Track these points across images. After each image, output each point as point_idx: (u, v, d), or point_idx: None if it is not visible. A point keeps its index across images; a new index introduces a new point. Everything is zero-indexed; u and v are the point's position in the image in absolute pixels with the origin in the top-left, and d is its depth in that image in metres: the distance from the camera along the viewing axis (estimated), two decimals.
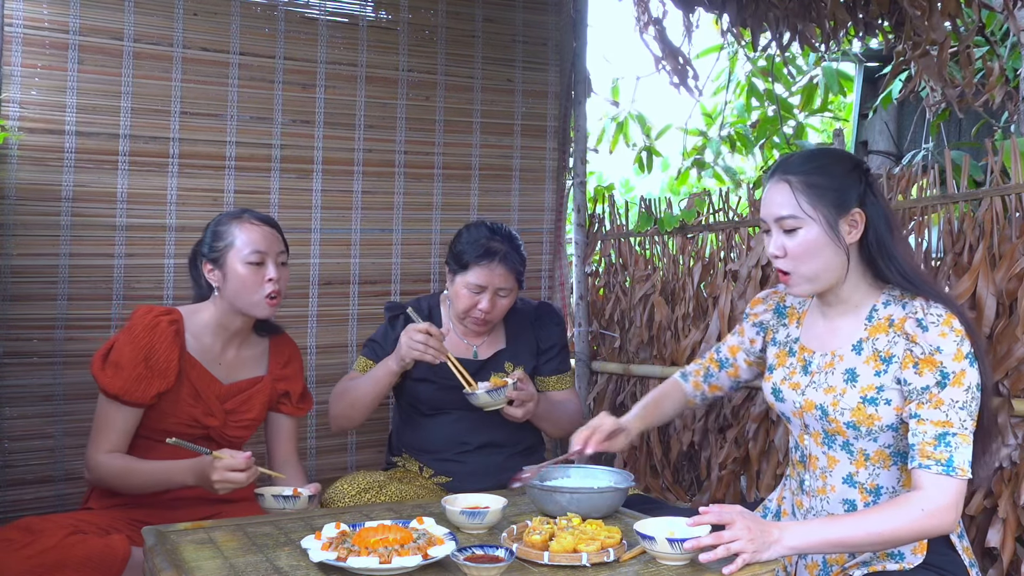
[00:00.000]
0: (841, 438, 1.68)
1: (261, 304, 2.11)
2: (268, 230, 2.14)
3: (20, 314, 2.59)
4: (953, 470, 1.50)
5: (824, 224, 1.63)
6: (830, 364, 1.71)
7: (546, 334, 2.47)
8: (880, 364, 1.63)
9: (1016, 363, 2.09)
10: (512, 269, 2.30)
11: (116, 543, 1.83)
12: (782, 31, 3.31)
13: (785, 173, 1.67)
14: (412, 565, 1.41)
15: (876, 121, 5.51)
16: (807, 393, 1.72)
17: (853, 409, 1.63)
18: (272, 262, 2.11)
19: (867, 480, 1.67)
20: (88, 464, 2.05)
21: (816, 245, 1.64)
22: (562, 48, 3.42)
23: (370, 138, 3.08)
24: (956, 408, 1.53)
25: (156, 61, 2.74)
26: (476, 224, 2.38)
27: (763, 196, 1.72)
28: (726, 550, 1.44)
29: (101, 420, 2.04)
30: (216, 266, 2.12)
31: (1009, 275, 2.13)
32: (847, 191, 1.64)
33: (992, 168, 2.24)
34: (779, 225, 1.67)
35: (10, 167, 2.57)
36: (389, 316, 2.44)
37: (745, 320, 1.99)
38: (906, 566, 1.61)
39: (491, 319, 2.33)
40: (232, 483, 1.88)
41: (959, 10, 2.98)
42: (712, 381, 2.04)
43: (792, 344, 1.83)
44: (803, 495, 1.77)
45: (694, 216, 3.08)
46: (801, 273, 1.67)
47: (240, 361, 2.22)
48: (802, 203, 1.64)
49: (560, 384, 2.49)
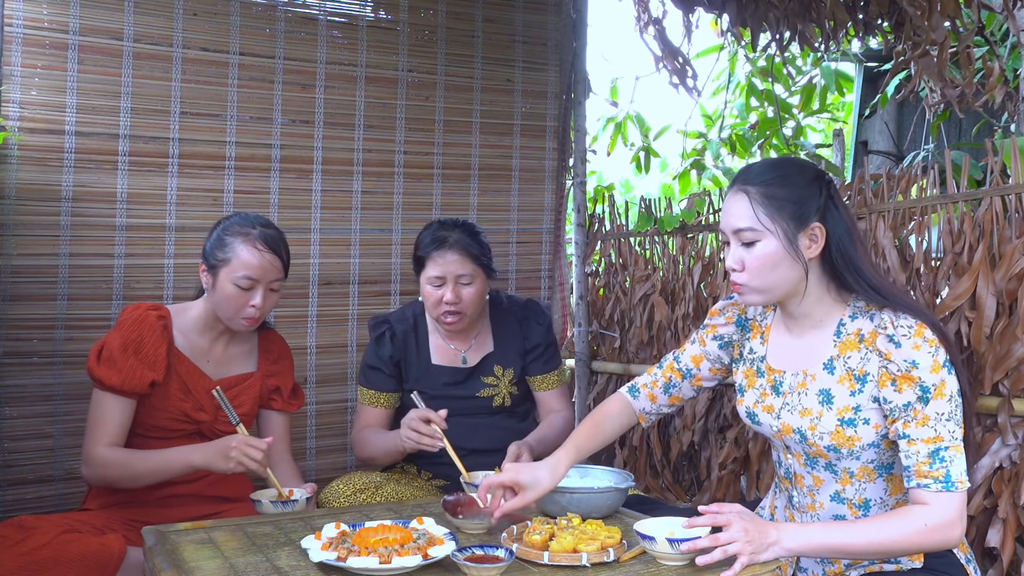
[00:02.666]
0: (823, 460, 1.66)
1: (238, 322, 2.13)
2: (269, 258, 2.11)
3: (20, 314, 2.59)
4: (952, 484, 1.48)
5: (782, 238, 1.58)
6: (802, 384, 1.67)
7: (531, 333, 2.44)
8: (855, 383, 1.60)
9: (1016, 363, 2.09)
10: (466, 253, 2.25)
11: (111, 542, 1.83)
12: (782, 31, 3.31)
13: (744, 183, 1.62)
14: (412, 565, 1.41)
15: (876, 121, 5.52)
16: (783, 416, 1.68)
17: (832, 433, 1.61)
18: (262, 289, 2.11)
19: (855, 496, 1.65)
20: (86, 459, 2.05)
21: (773, 259, 1.59)
22: (562, 48, 3.42)
23: (370, 138, 3.08)
24: (943, 421, 1.50)
25: (156, 61, 2.74)
26: (429, 223, 2.36)
27: (723, 207, 1.68)
28: (723, 553, 1.43)
29: (97, 415, 2.06)
30: (209, 272, 2.13)
31: (1009, 275, 2.13)
32: (806, 203, 1.60)
33: (992, 168, 2.24)
34: (737, 237, 1.63)
35: (10, 167, 2.57)
36: (375, 335, 2.41)
37: (703, 330, 1.93)
38: (902, 567, 1.61)
39: (462, 310, 2.27)
40: (248, 459, 1.90)
41: (959, 10, 2.98)
42: (673, 392, 1.93)
43: (759, 363, 1.78)
44: (793, 510, 1.76)
45: (694, 216, 3.08)
46: (755, 286, 1.62)
47: (229, 357, 2.23)
48: (760, 215, 1.59)
49: (547, 383, 2.46)
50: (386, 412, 2.39)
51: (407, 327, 2.39)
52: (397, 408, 2.40)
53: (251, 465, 1.91)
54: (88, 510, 2.08)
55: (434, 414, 2.10)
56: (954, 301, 2.17)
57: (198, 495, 2.12)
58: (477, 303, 2.31)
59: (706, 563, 1.43)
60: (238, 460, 1.91)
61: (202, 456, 1.97)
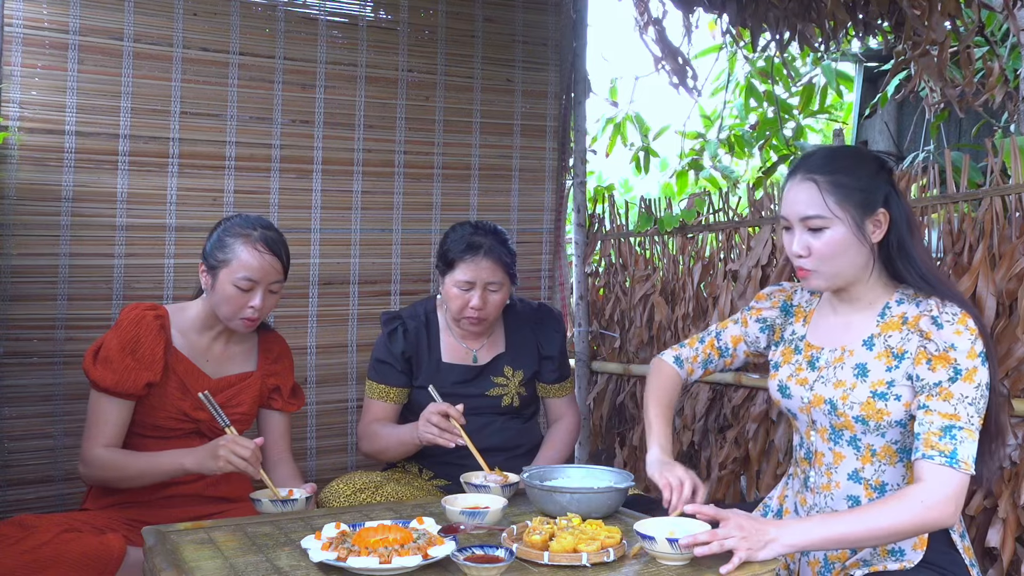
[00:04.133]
0: (848, 433, 1.68)
1: (237, 323, 2.13)
2: (269, 260, 2.12)
3: (20, 314, 2.59)
4: (957, 463, 1.50)
5: (851, 224, 1.63)
6: (839, 359, 1.71)
7: (548, 340, 2.45)
8: (892, 360, 1.64)
9: (1016, 363, 2.09)
10: (499, 262, 2.27)
11: (111, 541, 1.83)
12: (782, 31, 3.31)
13: (810, 172, 1.66)
14: (412, 565, 1.41)
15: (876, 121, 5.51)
16: (815, 388, 1.72)
17: (863, 403, 1.63)
18: (261, 291, 2.11)
19: (872, 476, 1.67)
20: (84, 459, 2.05)
21: (843, 245, 1.64)
22: (562, 48, 3.42)
23: (370, 138, 3.08)
24: (965, 403, 1.53)
25: (156, 61, 2.74)
26: (461, 224, 2.36)
27: (786, 195, 1.71)
28: (720, 546, 1.45)
29: (95, 415, 2.06)
30: (209, 272, 2.13)
31: (1009, 275, 2.13)
32: (874, 192, 1.64)
33: (992, 168, 2.24)
34: (804, 224, 1.66)
35: (10, 167, 2.57)
36: (387, 331, 2.40)
37: (747, 311, 1.97)
38: (907, 564, 1.61)
39: (485, 316, 2.29)
40: (236, 457, 1.89)
41: (959, 10, 2.98)
42: (709, 367, 2.02)
43: (798, 342, 1.82)
44: (807, 492, 1.77)
45: (694, 216, 3.08)
46: (823, 272, 1.66)
47: (228, 356, 2.23)
48: (829, 203, 1.63)
49: (561, 391, 2.49)
50: (394, 407, 2.39)
51: (419, 324, 2.39)
52: (405, 404, 2.41)
53: (239, 464, 1.90)
54: (88, 510, 2.08)
55: (453, 409, 2.09)
56: None
57: (199, 495, 2.12)
58: (500, 309, 2.34)
59: (704, 554, 1.45)
60: (226, 459, 1.90)
61: (193, 459, 1.97)
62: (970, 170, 2.32)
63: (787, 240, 1.71)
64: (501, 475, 1.99)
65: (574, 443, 2.51)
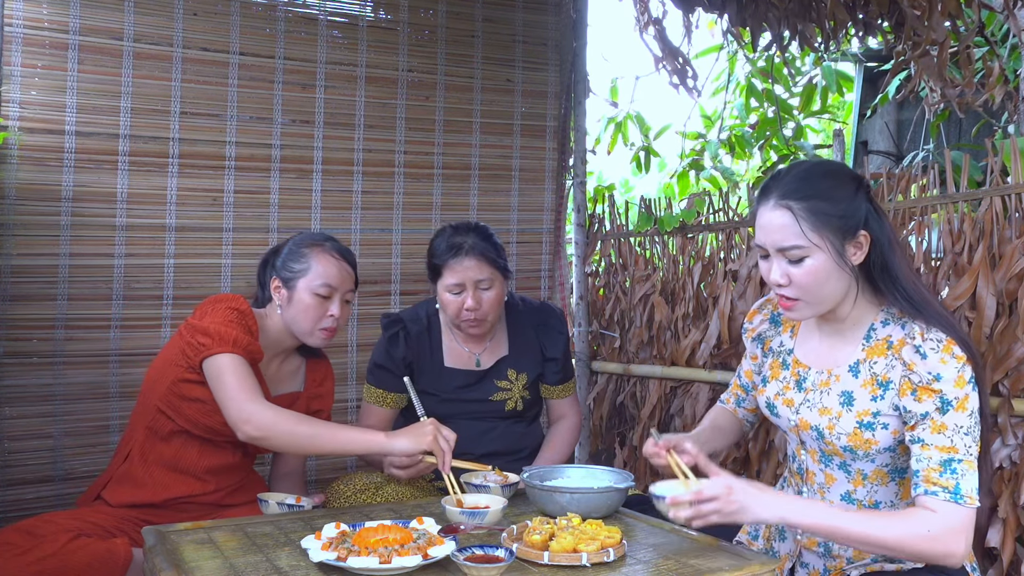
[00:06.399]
0: (838, 459, 1.66)
1: (316, 335, 2.12)
2: (345, 266, 2.14)
3: (20, 314, 2.59)
4: (961, 498, 1.45)
5: (831, 251, 1.55)
6: (825, 383, 1.67)
7: (551, 342, 2.41)
8: (877, 389, 1.60)
9: (1016, 363, 2.09)
10: (483, 258, 2.22)
11: (118, 547, 1.83)
12: (782, 31, 3.31)
13: (784, 197, 1.57)
14: (412, 565, 1.41)
15: (876, 121, 5.52)
16: (801, 412, 1.69)
17: (850, 434, 1.60)
18: (339, 299, 2.12)
19: (865, 497, 1.65)
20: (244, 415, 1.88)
21: (824, 273, 1.56)
22: (562, 48, 3.42)
23: (370, 138, 3.08)
24: (960, 434, 1.48)
25: (156, 61, 2.74)
26: (442, 228, 2.32)
27: (759, 220, 1.63)
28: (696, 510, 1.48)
29: (233, 378, 1.91)
30: (285, 286, 2.12)
31: (1009, 275, 2.13)
32: (853, 215, 1.56)
33: (992, 168, 2.24)
34: (782, 254, 1.59)
35: (10, 167, 2.57)
36: (388, 335, 2.35)
37: (744, 335, 1.94)
38: (903, 567, 1.61)
39: (483, 316, 2.25)
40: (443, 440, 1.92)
41: (959, 10, 2.98)
42: (747, 405, 1.99)
43: (786, 355, 1.79)
44: None
45: (694, 216, 3.08)
46: (808, 300, 1.60)
47: (280, 376, 2.22)
48: (807, 231, 1.55)
49: (564, 392, 2.47)
50: (391, 412, 2.36)
51: (421, 328, 2.35)
52: (402, 408, 2.39)
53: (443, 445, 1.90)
54: (103, 499, 2.06)
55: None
56: (954, 301, 2.17)
57: (217, 504, 2.10)
58: (497, 306, 2.29)
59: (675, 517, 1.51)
60: (435, 436, 1.90)
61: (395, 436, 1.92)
62: (970, 170, 2.32)
63: (764, 268, 1.63)
64: (501, 475, 1.99)
65: (575, 443, 2.49)
